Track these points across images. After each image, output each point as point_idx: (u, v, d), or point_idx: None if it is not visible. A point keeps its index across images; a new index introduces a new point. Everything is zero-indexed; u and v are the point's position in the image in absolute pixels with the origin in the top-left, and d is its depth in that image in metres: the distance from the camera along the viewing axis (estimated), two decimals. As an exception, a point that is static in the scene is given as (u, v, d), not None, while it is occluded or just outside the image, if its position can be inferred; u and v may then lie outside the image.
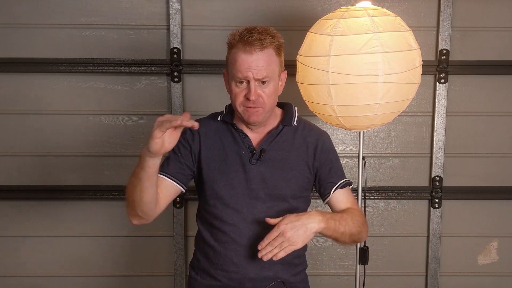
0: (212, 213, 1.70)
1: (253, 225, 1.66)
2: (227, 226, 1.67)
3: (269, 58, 1.59)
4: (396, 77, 1.84)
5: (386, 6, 2.05)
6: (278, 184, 1.68)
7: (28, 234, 2.61)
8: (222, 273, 1.70)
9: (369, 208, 2.61)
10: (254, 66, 1.56)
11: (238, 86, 1.61)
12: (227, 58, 1.63)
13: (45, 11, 2.44)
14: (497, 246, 2.67)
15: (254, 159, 1.67)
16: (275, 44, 1.60)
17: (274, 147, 1.69)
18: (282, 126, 1.72)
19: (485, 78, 2.54)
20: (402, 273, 2.68)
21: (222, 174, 1.68)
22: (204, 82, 2.51)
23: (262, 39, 1.56)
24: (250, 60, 1.56)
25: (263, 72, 1.57)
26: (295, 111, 1.76)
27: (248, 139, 1.70)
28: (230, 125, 1.72)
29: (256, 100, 1.59)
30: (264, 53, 1.57)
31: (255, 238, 1.65)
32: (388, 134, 2.58)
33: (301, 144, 1.72)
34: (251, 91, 1.58)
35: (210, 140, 1.71)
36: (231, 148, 1.69)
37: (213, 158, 1.69)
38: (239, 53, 1.57)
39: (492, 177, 2.60)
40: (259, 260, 1.63)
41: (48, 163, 2.55)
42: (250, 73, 1.57)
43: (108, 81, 2.50)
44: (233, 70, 1.59)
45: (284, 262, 1.70)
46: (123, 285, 2.65)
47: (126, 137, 2.54)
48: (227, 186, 1.67)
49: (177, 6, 2.42)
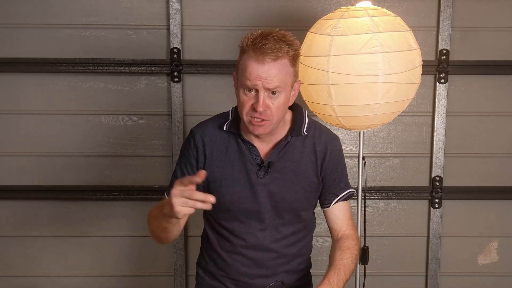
0: (220, 224, 1.68)
1: (260, 237, 1.65)
2: (235, 238, 1.66)
3: (283, 68, 1.48)
4: (396, 77, 1.84)
5: (386, 6, 2.05)
6: (286, 198, 1.63)
7: (28, 234, 2.60)
8: (230, 280, 1.69)
9: (369, 208, 2.61)
10: (265, 76, 1.46)
11: (246, 94, 1.51)
12: (238, 62, 1.54)
13: (45, 11, 2.44)
14: (497, 246, 2.67)
15: (261, 172, 1.61)
16: (290, 55, 1.49)
17: (283, 158, 1.63)
18: (291, 136, 1.63)
19: (485, 78, 2.54)
20: (402, 273, 2.68)
21: (229, 187, 1.62)
22: (204, 82, 2.51)
23: (277, 48, 1.45)
24: (261, 70, 1.46)
25: (274, 82, 1.47)
26: (305, 117, 1.67)
27: (256, 149, 1.62)
28: (237, 136, 1.63)
29: (263, 112, 1.49)
30: (278, 63, 1.47)
31: (262, 249, 1.65)
32: (388, 134, 2.58)
33: (310, 153, 1.65)
34: (259, 101, 1.48)
35: (215, 151, 1.64)
36: (237, 160, 1.62)
37: (219, 170, 1.63)
38: (251, 61, 1.47)
39: (492, 177, 2.60)
40: (265, 270, 1.66)
41: (48, 163, 2.55)
42: (260, 82, 1.47)
43: (108, 81, 2.50)
44: (242, 76, 1.50)
45: (291, 271, 1.70)
46: (123, 285, 2.65)
47: (126, 137, 2.54)
48: (235, 201, 1.62)
49: (177, 6, 2.42)
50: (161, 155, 2.55)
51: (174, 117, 2.49)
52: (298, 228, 1.69)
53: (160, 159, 2.55)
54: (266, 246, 1.65)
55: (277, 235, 1.65)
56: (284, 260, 1.68)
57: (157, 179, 2.56)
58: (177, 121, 2.50)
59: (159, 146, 2.55)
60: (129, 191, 2.56)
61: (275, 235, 1.65)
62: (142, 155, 2.55)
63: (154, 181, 2.56)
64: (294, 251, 1.69)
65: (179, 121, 2.50)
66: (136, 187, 2.56)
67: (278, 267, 1.67)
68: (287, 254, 1.68)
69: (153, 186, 2.56)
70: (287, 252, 1.68)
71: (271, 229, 1.65)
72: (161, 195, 2.55)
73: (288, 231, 1.67)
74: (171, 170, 2.52)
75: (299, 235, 1.70)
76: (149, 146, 2.55)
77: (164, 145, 2.54)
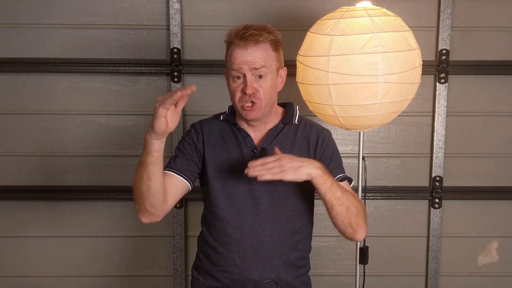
0: (215, 214, 1.69)
1: (255, 225, 1.66)
2: (230, 227, 1.67)
3: (265, 52, 1.60)
4: (396, 77, 1.84)
5: (386, 6, 2.05)
6: (280, 183, 1.64)
7: (28, 234, 2.61)
8: (225, 274, 1.69)
9: (369, 208, 2.61)
10: (250, 59, 1.58)
11: (235, 81, 1.62)
12: (226, 56, 1.65)
13: (45, 11, 2.44)
14: (497, 246, 2.67)
15: (256, 158, 1.65)
16: (270, 39, 1.61)
17: (276, 145, 1.67)
18: (283, 124, 1.72)
19: (485, 78, 2.54)
20: (402, 273, 2.68)
21: (225, 174, 1.68)
22: (204, 82, 2.51)
23: (257, 34, 1.58)
24: (245, 54, 1.58)
25: (260, 62, 1.58)
26: (296, 110, 1.76)
27: (250, 138, 1.71)
28: (233, 125, 1.73)
29: (252, 94, 1.59)
30: (260, 47, 1.59)
31: (258, 239, 1.66)
32: (388, 134, 2.58)
33: (302, 141, 1.72)
34: (247, 84, 1.59)
35: (213, 139, 1.72)
36: (233, 148, 1.70)
37: (216, 157, 1.70)
38: (235, 49, 1.59)
39: (492, 177, 2.60)
40: (261, 262, 1.66)
41: (48, 163, 2.55)
42: (245, 65, 1.58)
43: (108, 81, 2.50)
44: (229, 66, 1.62)
45: (287, 264, 1.70)
46: (123, 285, 2.65)
47: (126, 137, 2.54)
48: (230, 186, 1.67)
49: (177, 6, 2.42)
50: (161, 155, 2.55)
51: (174, 117, 2.49)
52: (293, 216, 1.70)
53: (160, 159, 2.55)
54: (262, 235, 1.66)
55: (272, 224, 1.67)
56: (280, 250, 1.68)
57: (157, 179, 2.55)
58: (177, 121, 2.50)
59: (159, 146, 2.54)
60: (129, 191, 2.56)
61: (270, 224, 1.67)
62: (142, 155, 2.55)
63: (154, 181, 2.56)
64: (290, 242, 1.70)
65: (179, 121, 2.49)
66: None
67: (275, 258, 1.68)
68: (283, 243, 1.68)
69: (153, 186, 2.56)
70: (283, 241, 1.68)
71: (267, 216, 1.66)
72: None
73: (284, 218, 1.68)
74: (171, 170, 2.52)
75: (294, 226, 1.71)
76: (149, 146, 2.54)
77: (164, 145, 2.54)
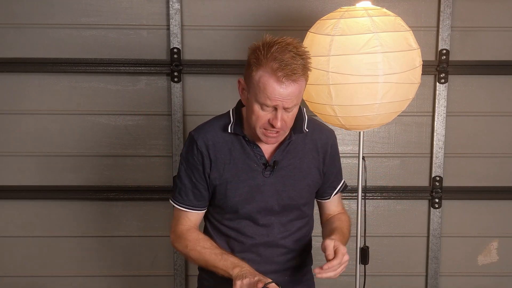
0: (228, 226, 1.69)
1: (269, 234, 1.68)
2: (244, 237, 1.68)
3: (300, 87, 1.50)
4: (396, 77, 1.84)
5: (386, 6, 2.04)
6: (292, 195, 1.67)
7: (28, 234, 2.60)
8: None
9: (369, 208, 2.61)
10: (285, 96, 1.47)
11: (263, 109, 1.50)
12: (251, 75, 1.50)
13: (45, 11, 2.44)
14: (497, 246, 2.67)
15: (267, 172, 1.63)
16: (307, 73, 1.51)
17: (286, 157, 1.65)
18: (294, 135, 1.65)
19: (485, 78, 2.54)
20: (402, 273, 2.68)
21: (235, 189, 1.63)
22: (204, 82, 2.51)
23: (297, 70, 1.45)
24: (282, 91, 1.46)
25: (294, 101, 1.50)
26: (304, 115, 1.69)
27: (260, 149, 1.64)
28: (241, 137, 1.64)
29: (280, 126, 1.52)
30: (298, 83, 1.48)
31: (272, 246, 1.68)
32: (388, 134, 2.57)
33: (312, 149, 1.69)
34: (277, 118, 1.50)
35: (220, 154, 1.63)
36: (242, 161, 1.63)
37: (224, 172, 1.63)
38: (271, 81, 1.46)
39: (492, 177, 2.60)
40: (275, 265, 1.69)
41: (48, 163, 2.55)
42: (280, 102, 1.48)
43: (108, 81, 2.50)
44: (260, 93, 1.48)
45: (297, 266, 1.75)
46: (123, 285, 2.65)
47: (126, 137, 2.54)
48: (242, 201, 1.64)
49: (177, 6, 2.42)
50: (161, 155, 2.55)
51: (174, 117, 2.49)
52: (303, 223, 1.74)
53: (160, 159, 2.55)
54: (276, 243, 1.68)
55: (285, 232, 1.69)
56: (292, 255, 1.72)
57: (157, 179, 2.56)
58: (177, 121, 2.50)
59: (159, 146, 2.55)
60: (129, 191, 2.56)
61: (283, 232, 1.69)
62: (142, 155, 2.55)
63: (154, 181, 2.56)
64: (300, 246, 1.74)
65: (179, 121, 2.50)
66: (136, 187, 2.56)
67: (287, 262, 1.72)
68: (294, 249, 1.72)
69: (153, 186, 2.56)
70: (295, 247, 1.72)
71: (279, 226, 1.68)
72: (161, 195, 2.56)
73: (295, 227, 1.71)
74: (171, 170, 2.53)
75: (303, 231, 1.75)
76: (149, 146, 2.55)
77: (164, 145, 2.54)
